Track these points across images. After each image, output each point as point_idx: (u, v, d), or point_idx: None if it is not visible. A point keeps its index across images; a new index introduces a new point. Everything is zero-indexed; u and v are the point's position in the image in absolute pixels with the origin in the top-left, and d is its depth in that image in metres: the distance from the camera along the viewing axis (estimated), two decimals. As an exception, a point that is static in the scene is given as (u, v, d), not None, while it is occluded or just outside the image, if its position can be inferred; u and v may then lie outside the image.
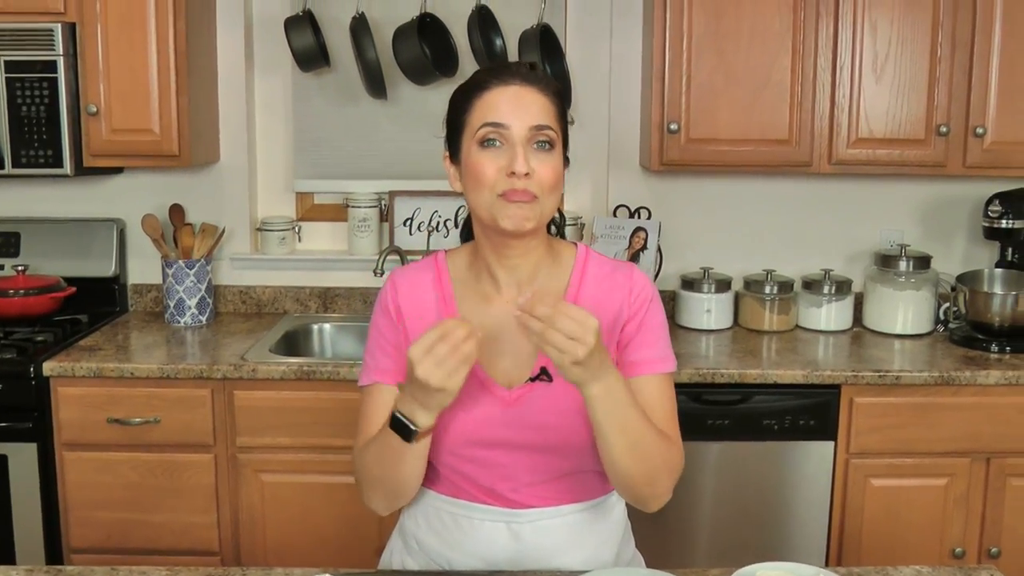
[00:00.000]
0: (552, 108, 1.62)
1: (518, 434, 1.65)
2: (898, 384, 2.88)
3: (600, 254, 1.78)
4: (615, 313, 1.68)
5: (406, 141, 3.43)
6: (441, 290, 1.73)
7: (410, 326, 1.71)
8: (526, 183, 1.57)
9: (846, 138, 3.11)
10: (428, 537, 1.75)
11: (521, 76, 1.62)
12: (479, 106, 1.61)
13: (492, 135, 1.58)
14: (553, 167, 1.60)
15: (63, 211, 3.47)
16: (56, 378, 2.86)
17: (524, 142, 1.58)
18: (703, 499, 2.95)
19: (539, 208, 1.60)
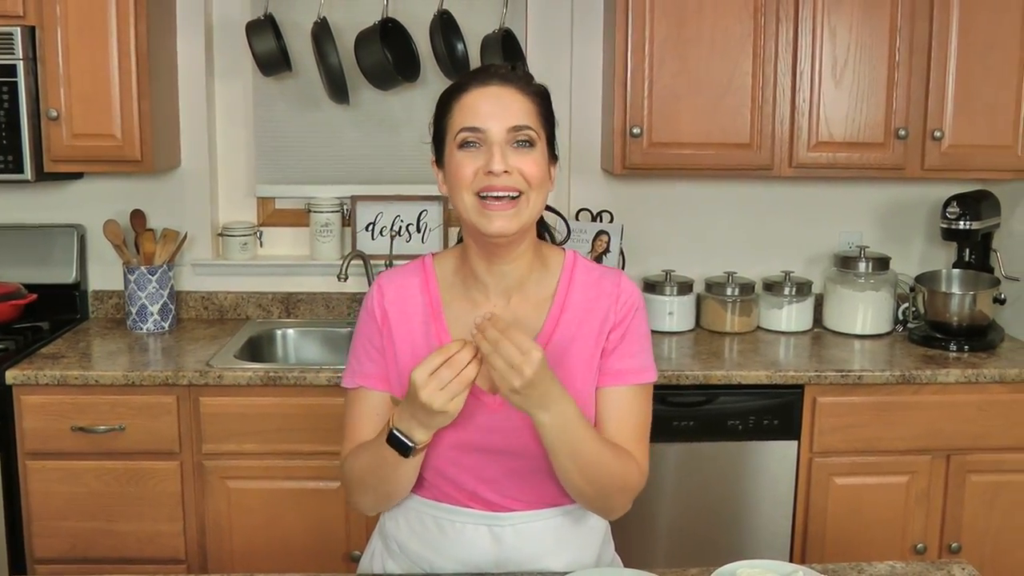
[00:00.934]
0: (533, 108, 1.63)
1: (501, 439, 1.66)
2: (860, 384, 2.93)
3: (589, 260, 1.79)
4: (601, 319, 1.70)
5: (368, 146, 3.43)
6: (429, 295, 1.73)
7: (396, 331, 1.71)
8: (505, 180, 1.57)
9: (806, 142, 3.15)
10: (410, 540, 1.76)
11: (500, 76, 1.63)
12: (458, 109, 1.62)
13: (470, 139, 1.59)
14: (535, 162, 1.61)
15: (23, 217, 3.42)
16: (19, 386, 2.83)
17: (502, 143, 1.58)
18: (668, 500, 2.98)
19: (525, 206, 1.60)
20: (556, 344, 1.68)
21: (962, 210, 3.20)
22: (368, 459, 1.64)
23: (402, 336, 1.71)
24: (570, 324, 1.70)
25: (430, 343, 1.69)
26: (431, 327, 1.71)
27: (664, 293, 3.33)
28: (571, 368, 1.68)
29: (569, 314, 1.70)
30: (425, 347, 1.69)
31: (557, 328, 1.69)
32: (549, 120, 1.68)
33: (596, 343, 1.69)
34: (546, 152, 1.66)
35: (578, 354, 1.68)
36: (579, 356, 1.68)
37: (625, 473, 1.66)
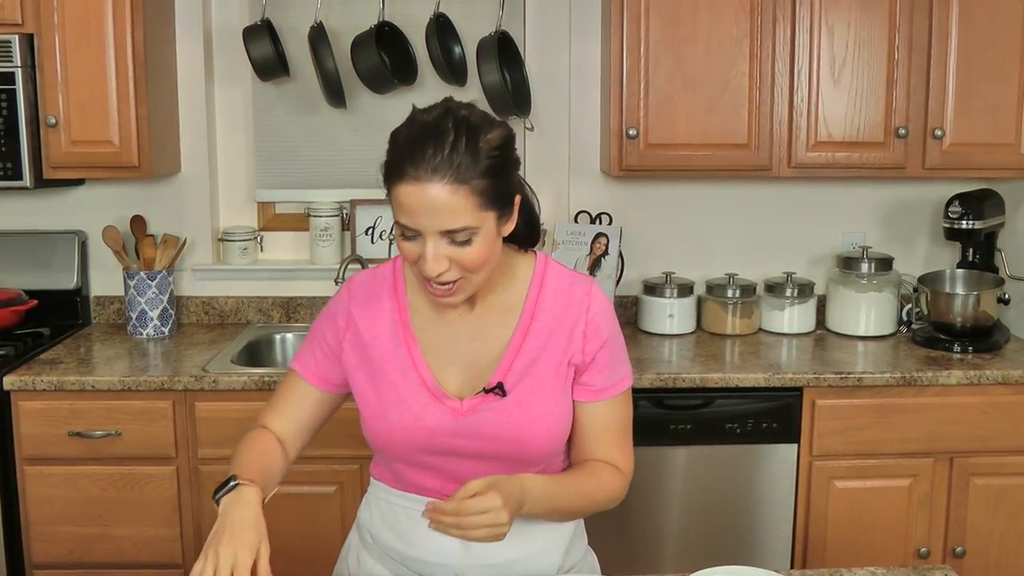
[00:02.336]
0: (470, 199, 1.51)
1: (469, 443, 1.67)
2: (860, 386, 2.89)
3: (560, 265, 1.78)
4: (571, 327, 1.70)
5: (367, 150, 3.42)
6: (397, 300, 1.74)
7: (363, 332, 1.73)
8: (443, 277, 1.56)
9: (805, 141, 3.12)
10: (382, 531, 1.78)
11: (433, 170, 1.49)
12: (396, 198, 1.54)
13: (407, 233, 1.55)
14: (475, 253, 1.55)
15: (25, 224, 3.45)
16: (16, 392, 2.84)
17: (436, 240, 1.53)
18: (667, 504, 2.95)
19: (467, 285, 1.60)
20: (526, 352, 1.69)
21: (964, 209, 3.16)
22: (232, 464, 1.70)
23: (369, 337, 1.73)
24: (540, 332, 1.70)
25: (398, 348, 1.71)
26: (398, 332, 1.72)
27: (664, 295, 3.31)
28: (541, 376, 1.68)
29: (539, 322, 1.70)
30: (393, 352, 1.71)
31: (527, 336, 1.69)
32: (499, 192, 1.55)
33: (566, 351, 1.70)
34: (493, 227, 1.57)
35: (547, 362, 1.69)
36: (548, 364, 1.69)
37: (610, 490, 1.74)
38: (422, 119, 1.55)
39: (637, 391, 2.88)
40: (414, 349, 1.70)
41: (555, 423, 1.69)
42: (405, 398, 1.68)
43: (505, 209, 1.59)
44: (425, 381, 1.68)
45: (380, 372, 1.71)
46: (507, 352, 1.68)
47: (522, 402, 1.66)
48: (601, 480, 1.72)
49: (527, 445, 1.67)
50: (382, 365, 1.71)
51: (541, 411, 1.67)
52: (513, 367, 1.68)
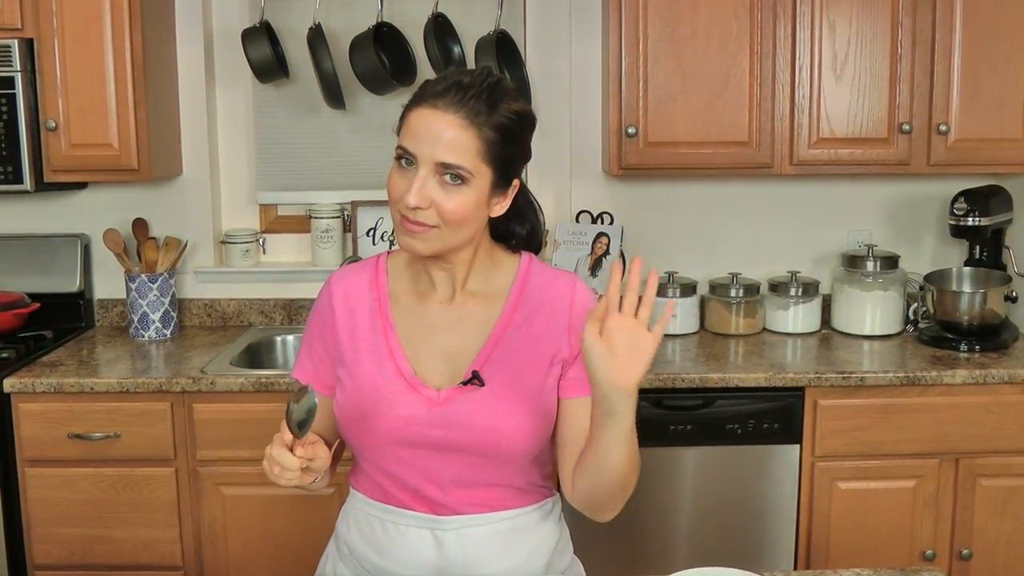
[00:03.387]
0: (475, 143, 1.54)
1: (445, 434, 1.64)
2: (863, 385, 2.86)
3: (544, 263, 1.76)
4: (553, 321, 1.67)
5: (367, 151, 3.42)
6: (377, 291, 1.73)
7: (341, 328, 1.72)
8: (419, 215, 1.55)
9: (807, 139, 3.08)
10: (358, 542, 1.76)
11: (451, 99, 1.54)
12: (406, 121, 1.58)
13: (403, 156, 1.57)
14: (459, 203, 1.55)
15: (28, 227, 3.47)
16: (17, 394, 2.86)
17: (428, 173, 1.54)
18: (667, 507, 2.93)
19: (437, 238, 1.58)
20: (506, 344, 1.66)
21: (970, 206, 3.11)
22: None
23: (347, 332, 1.71)
24: (521, 325, 1.68)
25: (376, 338, 1.69)
26: (377, 322, 1.71)
27: (667, 295, 3.28)
28: (520, 369, 1.66)
29: (520, 315, 1.68)
30: (371, 342, 1.69)
31: (508, 329, 1.67)
32: (504, 154, 1.58)
33: (548, 345, 1.67)
34: (486, 188, 1.58)
35: (528, 355, 1.66)
36: (528, 357, 1.66)
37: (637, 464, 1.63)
38: (458, 70, 1.62)
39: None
40: (391, 337, 1.69)
41: (533, 416, 1.65)
42: (379, 387, 1.66)
43: (503, 179, 1.60)
44: (401, 370, 1.66)
45: (356, 361, 1.69)
46: (486, 343, 1.66)
47: (499, 393, 1.63)
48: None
49: (504, 437, 1.63)
50: (358, 354, 1.69)
51: (519, 403, 1.64)
52: (492, 358, 1.65)
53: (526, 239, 1.76)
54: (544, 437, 1.69)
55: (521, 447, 1.66)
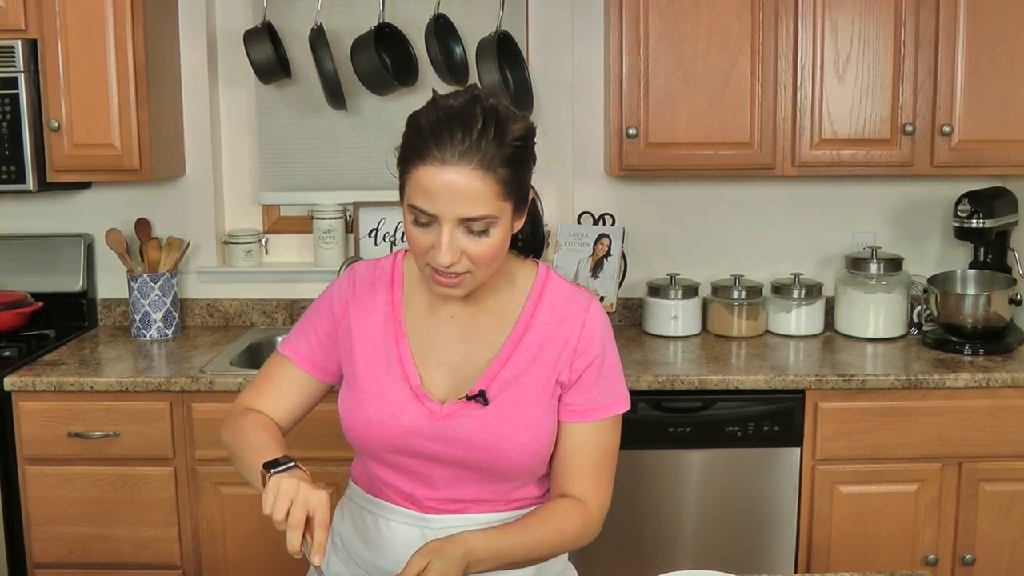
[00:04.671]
0: (494, 188, 1.49)
1: (444, 448, 1.64)
2: (864, 388, 2.83)
3: (561, 278, 1.74)
4: (563, 343, 1.66)
5: (369, 152, 3.42)
6: (392, 293, 1.72)
7: (356, 325, 1.71)
8: (453, 268, 1.53)
9: (809, 140, 3.07)
10: (350, 535, 1.77)
11: (459, 151, 1.47)
12: (414, 180, 1.51)
13: (421, 219, 1.52)
14: (489, 246, 1.52)
15: (31, 227, 3.49)
16: (17, 393, 2.87)
17: (452, 228, 1.50)
18: (666, 510, 2.91)
19: (472, 281, 1.57)
20: (514, 363, 1.65)
21: (974, 208, 3.08)
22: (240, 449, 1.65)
23: (360, 329, 1.70)
24: (531, 345, 1.66)
25: (387, 343, 1.68)
26: (389, 326, 1.69)
27: (668, 297, 3.27)
28: (526, 389, 1.65)
29: (532, 335, 1.66)
30: (381, 345, 1.68)
31: (518, 348, 1.66)
32: (520, 182, 1.55)
33: (554, 367, 1.66)
34: (510, 219, 1.55)
35: (535, 376, 1.65)
36: (535, 378, 1.65)
37: (572, 533, 1.67)
38: (447, 103, 1.52)
39: (634, 393, 2.79)
40: (402, 344, 1.67)
41: (534, 440, 1.64)
42: (385, 393, 1.66)
43: (521, 203, 1.58)
44: (408, 378, 1.65)
45: (365, 364, 1.68)
46: (495, 361, 1.65)
47: (503, 413, 1.62)
48: (562, 524, 1.66)
49: (503, 457, 1.63)
50: (368, 357, 1.68)
51: (521, 425, 1.63)
52: (499, 377, 1.64)
53: (529, 239, 1.74)
54: (544, 459, 1.68)
55: (519, 466, 1.66)
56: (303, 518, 1.42)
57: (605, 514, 1.71)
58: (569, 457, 1.68)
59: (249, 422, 1.71)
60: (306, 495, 1.43)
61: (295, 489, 1.43)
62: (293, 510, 1.42)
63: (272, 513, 1.44)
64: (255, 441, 1.64)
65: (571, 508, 1.67)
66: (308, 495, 1.43)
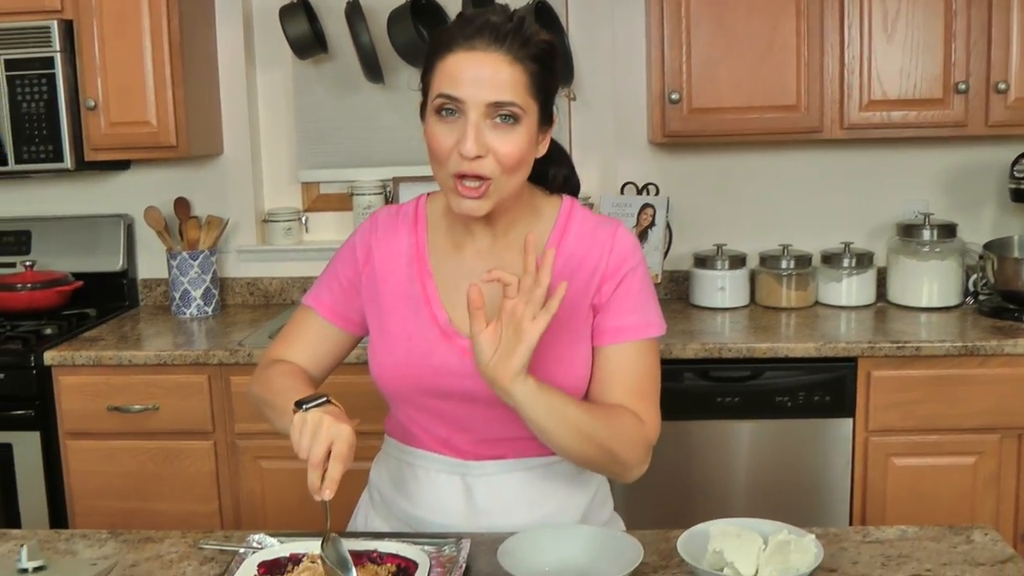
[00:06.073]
0: (523, 79, 1.48)
1: (477, 385, 1.57)
2: (918, 356, 2.74)
3: (587, 209, 1.68)
4: (591, 270, 1.61)
5: (408, 127, 3.38)
6: (416, 236, 1.67)
7: (380, 270, 1.66)
8: (477, 166, 1.47)
9: (858, 101, 2.98)
10: (388, 489, 1.72)
11: (489, 37, 1.47)
12: (440, 70, 1.49)
13: (448, 105, 1.48)
14: (515, 144, 1.48)
15: (73, 209, 3.51)
16: (57, 367, 2.87)
17: (480, 118, 1.46)
18: (713, 483, 2.83)
19: (495, 191, 1.51)
20: None
21: (1032, 168, 2.98)
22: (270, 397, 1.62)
23: (385, 274, 1.66)
24: (560, 275, 1.59)
25: (412, 286, 1.64)
26: (414, 267, 1.65)
27: (715, 267, 3.19)
28: (558, 319, 1.56)
29: (559, 264, 1.60)
30: (407, 287, 1.64)
31: None
32: (546, 86, 1.53)
33: (585, 292, 1.60)
34: (535, 124, 1.52)
35: (566, 306, 1.57)
36: (566, 308, 1.58)
37: (628, 440, 1.57)
38: (475, 12, 1.54)
39: (681, 362, 2.79)
40: (428, 284, 1.63)
41: (570, 370, 1.59)
42: (413, 335, 1.61)
43: (546, 113, 1.55)
44: (437, 318, 1.61)
45: (391, 307, 1.64)
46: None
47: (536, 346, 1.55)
48: (618, 422, 1.56)
49: None
50: (394, 300, 1.64)
51: (555, 355, 1.58)
52: None
53: (565, 180, 1.70)
54: (580, 389, 1.62)
55: None
56: (323, 455, 1.38)
57: (656, 436, 1.62)
58: (609, 381, 1.61)
59: (276, 371, 1.67)
60: (328, 429, 1.39)
61: (317, 423, 1.39)
62: (313, 447, 1.38)
63: (297, 451, 1.39)
64: (284, 386, 1.61)
65: (630, 414, 1.59)
66: (329, 429, 1.38)
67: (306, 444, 1.39)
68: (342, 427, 1.39)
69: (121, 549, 1.60)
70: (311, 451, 1.38)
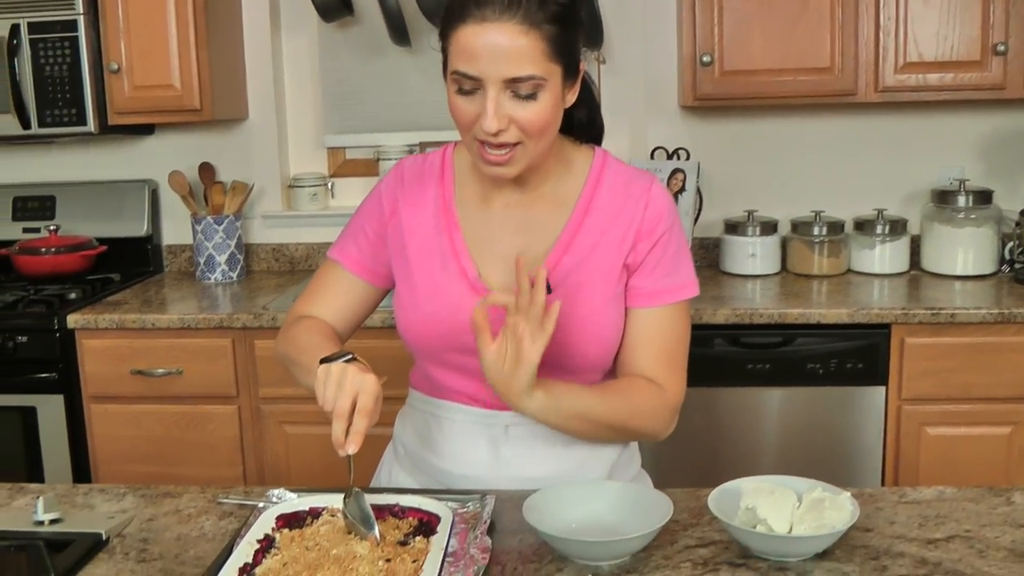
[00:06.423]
0: (540, 44, 1.40)
1: None
2: (953, 323, 2.68)
3: (620, 161, 1.63)
4: (626, 226, 1.56)
5: (434, 90, 3.33)
6: (443, 186, 1.62)
7: (405, 219, 1.62)
8: (500, 137, 1.43)
9: (893, 63, 2.91)
10: (412, 441, 1.69)
11: (500, 5, 1.39)
12: (455, 43, 1.42)
13: (465, 85, 1.43)
14: (538, 112, 1.43)
15: (97, 174, 3.49)
16: (80, 330, 2.86)
17: (498, 92, 1.41)
18: (742, 451, 2.79)
19: (523, 155, 1.46)
20: (575, 250, 1.55)
21: (1072, 132, 2.90)
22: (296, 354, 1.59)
23: (411, 226, 1.61)
24: (592, 230, 1.56)
25: (440, 238, 1.59)
26: (441, 220, 1.60)
27: (746, 234, 3.13)
28: (590, 277, 1.55)
29: (592, 219, 1.56)
30: (435, 240, 1.59)
31: (578, 234, 1.56)
32: (568, 45, 1.45)
33: (619, 251, 1.55)
34: (559, 85, 1.45)
35: (598, 262, 1.55)
36: (599, 264, 1.55)
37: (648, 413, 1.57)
38: None
39: (711, 328, 2.74)
40: (456, 237, 1.59)
41: (600, 329, 1.55)
42: (442, 289, 1.57)
43: (571, 69, 1.47)
44: (466, 272, 1.56)
45: (418, 260, 1.59)
46: (555, 248, 1.55)
47: (566, 302, 1.50)
48: (638, 399, 1.55)
49: (569, 349, 1.53)
50: (421, 253, 1.59)
51: (587, 312, 1.53)
52: (560, 264, 1.54)
53: (586, 124, 1.63)
54: (611, 350, 1.58)
55: (587, 360, 1.56)
56: (348, 406, 1.35)
57: (680, 403, 1.60)
58: (638, 345, 1.57)
59: (302, 328, 1.64)
60: (352, 380, 1.35)
61: (342, 374, 1.36)
62: (338, 398, 1.35)
63: (322, 404, 1.36)
64: (311, 343, 1.57)
65: (648, 387, 1.56)
66: (354, 380, 1.35)
67: (331, 396, 1.36)
68: (367, 378, 1.36)
69: (139, 504, 1.57)
70: (336, 402, 1.35)
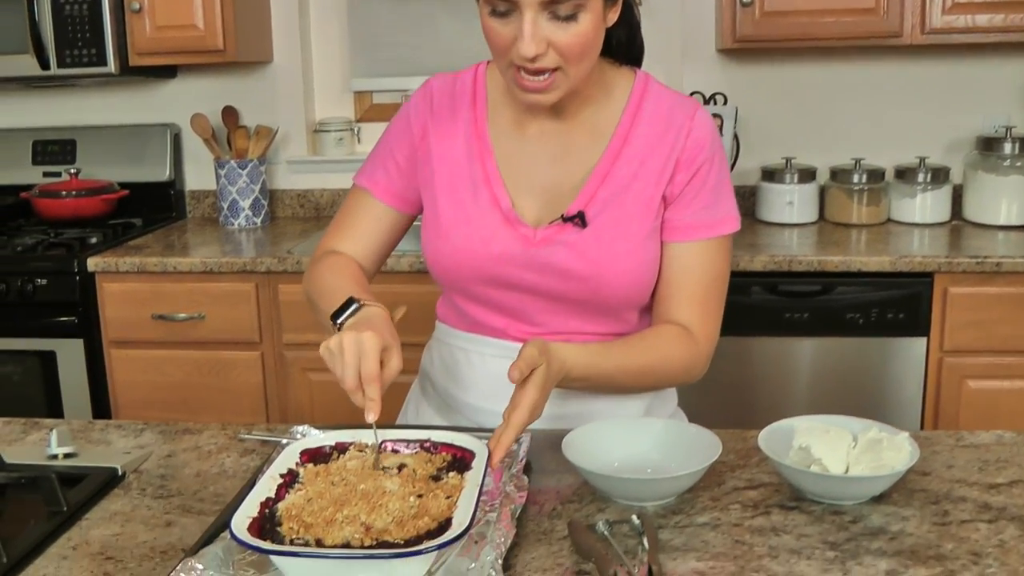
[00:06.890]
0: None
1: (539, 278, 1.47)
2: (999, 272, 2.59)
3: (663, 85, 1.53)
4: (665, 156, 1.47)
5: (464, 33, 3.26)
6: (475, 110, 1.53)
7: (435, 146, 1.53)
8: (538, 63, 1.34)
9: (941, 3, 2.80)
10: (440, 376, 1.62)
11: None
12: None
13: (498, 5, 1.34)
14: (578, 34, 1.34)
15: (118, 118, 3.43)
16: (100, 273, 2.81)
17: (535, 13, 1.32)
18: (779, 401, 2.71)
19: (563, 80, 1.38)
20: (613, 180, 1.47)
21: None
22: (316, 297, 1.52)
23: (442, 153, 1.52)
24: (631, 160, 1.47)
25: (472, 164, 1.51)
26: (473, 146, 1.52)
27: (784, 181, 3.04)
28: (627, 209, 1.46)
29: (631, 148, 1.47)
30: (466, 167, 1.51)
31: (616, 163, 1.47)
32: None
33: (658, 183, 1.47)
34: (600, 5, 1.36)
35: (637, 194, 1.46)
36: (638, 196, 1.46)
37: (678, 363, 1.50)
38: None
39: (749, 275, 2.66)
40: (489, 164, 1.50)
41: (637, 265, 1.47)
42: (473, 218, 1.49)
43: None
44: (499, 201, 1.48)
45: (449, 188, 1.51)
46: (591, 178, 1.47)
47: (602, 237, 1.44)
48: (667, 352, 1.48)
49: (604, 285, 1.46)
50: (452, 180, 1.51)
51: (623, 249, 1.45)
52: (597, 196, 1.46)
53: (625, 44, 1.52)
54: (648, 287, 1.50)
55: (621, 296, 1.48)
56: (355, 380, 1.25)
57: (713, 349, 1.53)
58: (674, 282, 1.50)
59: (325, 267, 1.56)
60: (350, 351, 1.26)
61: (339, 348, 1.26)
62: (344, 375, 1.26)
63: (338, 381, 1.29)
64: (332, 286, 1.48)
65: (677, 336, 1.49)
66: (351, 350, 1.26)
67: (338, 372, 1.27)
68: (364, 342, 1.25)
69: (157, 440, 1.51)
70: (343, 379, 1.27)
